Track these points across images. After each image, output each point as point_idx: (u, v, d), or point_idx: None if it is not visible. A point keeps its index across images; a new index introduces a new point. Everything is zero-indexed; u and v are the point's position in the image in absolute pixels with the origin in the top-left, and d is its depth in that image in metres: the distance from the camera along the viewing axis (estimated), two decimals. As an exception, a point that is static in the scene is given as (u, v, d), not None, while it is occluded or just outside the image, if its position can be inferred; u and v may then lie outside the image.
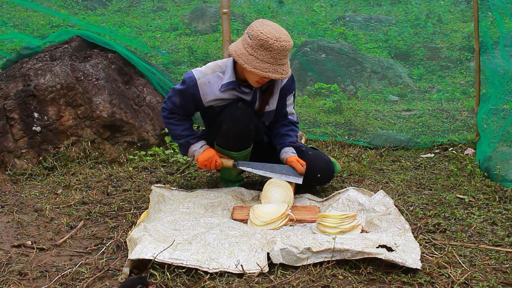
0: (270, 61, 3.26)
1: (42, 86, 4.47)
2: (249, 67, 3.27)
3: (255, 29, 3.28)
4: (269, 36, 3.23)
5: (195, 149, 3.58)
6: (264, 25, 3.30)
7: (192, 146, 3.59)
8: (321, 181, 3.76)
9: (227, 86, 3.46)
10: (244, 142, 3.58)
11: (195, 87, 3.47)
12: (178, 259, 2.63)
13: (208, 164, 3.55)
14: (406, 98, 6.18)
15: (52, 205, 3.55)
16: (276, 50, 3.24)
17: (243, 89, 3.49)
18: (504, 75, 4.59)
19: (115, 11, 8.53)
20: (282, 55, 3.27)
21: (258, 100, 3.55)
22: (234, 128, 3.48)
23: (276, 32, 3.27)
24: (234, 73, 3.46)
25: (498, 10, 4.65)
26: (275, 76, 3.28)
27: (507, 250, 2.84)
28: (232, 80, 3.45)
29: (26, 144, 4.34)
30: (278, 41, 3.24)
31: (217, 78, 3.48)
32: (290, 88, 3.64)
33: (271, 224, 3.15)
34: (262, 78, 3.35)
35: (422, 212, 3.40)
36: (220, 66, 3.51)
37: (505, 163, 3.91)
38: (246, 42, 3.31)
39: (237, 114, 3.46)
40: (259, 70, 3.26)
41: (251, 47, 3.28)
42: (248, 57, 3.28)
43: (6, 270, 2.69)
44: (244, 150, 3.60)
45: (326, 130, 5.32)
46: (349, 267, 2.65)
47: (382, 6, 7.67)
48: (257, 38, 3.25)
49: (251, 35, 3.29)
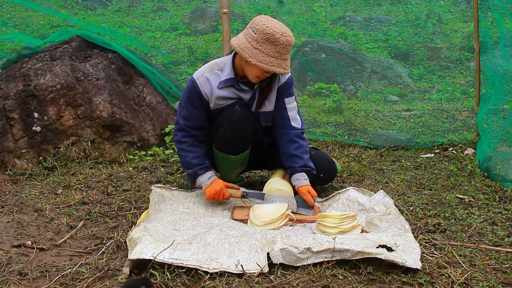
0: (275, 55, 3.25)
1: (42, 86, 4.47)
2: (254, 61, 3.25)
3: (260, 23, 3.27)
4: (275, 30, 3.23)
5: (202, 180, 3.49)
6: (268, 20, 3.30)
7: (200, 177, 3.49)
8: (324, 180, 3.76)
9: (225, 83, 3.45)
10: (242, 145, 3.57)
11: (196, 86, 3.46)
12: (178, 259, 2.63)
13: (216, 197, 3.45)
14: (406, 98, 6.18)
15: (52, 205, 3.55)
16: (281, 44, 3.24)
17: (241, 86, 3.48)
18: (504, 75, 4.60)
19: (115, 11, 8.54)
20: (286, 50, 3.27)
21: (257, 97, 3.54)
22: (231, 132, 3.46)
23: (280, 27, 3.28)
24: (232, 70, 3.45)
25: (498, 10, 4.65)
26: (279, 70, 3.27)
27: (507, 250, 2.84)
28: (230, 77, 3.44)
29: (26, 144, 4.34)
30: (284, 36, 3.24)
31: (215, 76, 3.47)
32: (288, 89, 3.58)
33: (271, 224, 3.15)
34: (263, 73, 3.33)
35: (422, 212, 3.40)
36: (218, 64, 3.50)
37: (505, 163, 3.91)
38: (250, 36, 3.29)
39: (234, 118, 3.44)
40: (264, 64, 3.25)
41: (256, 41, 3.26)
42: (253, 50, 3.26)
43: (6, 270, 2.69)
44: (242, 153, 3.59)
45: (326, 130, 5.32)
46: (349, 267, 2.65)
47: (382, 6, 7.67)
48: (263, 32, 3.24)
49: (255, 29, 3.27)
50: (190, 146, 3.51)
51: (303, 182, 3.49)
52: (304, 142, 3.59)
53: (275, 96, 3.57)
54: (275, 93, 3.56)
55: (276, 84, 3.54)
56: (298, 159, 3.52)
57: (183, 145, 3.52)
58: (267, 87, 3.53)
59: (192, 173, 3.52)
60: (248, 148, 3.61)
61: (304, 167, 3.52)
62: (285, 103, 3.59)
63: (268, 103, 3.57)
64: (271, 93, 3.55)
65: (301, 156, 3.53)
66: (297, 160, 3.52)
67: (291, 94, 3.60)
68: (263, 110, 3.58)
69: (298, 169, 3.51)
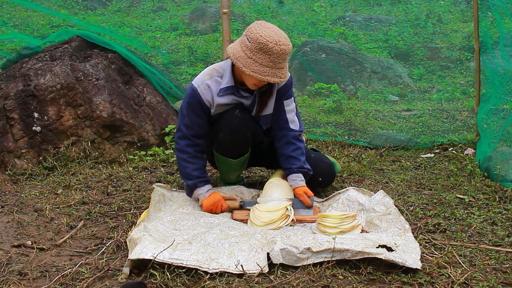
0: (269, 65, 3.20)
1: (42, 86, 4.47)
2: (248, 71, 3.21)
3: (254, 31, 3.21)
4: (269, 39, 3.16)
5: (200, 192, 3.47)
6: (263, 27, 3.22)
7: (198, 189, 3.48)
8: (322, 184, 3.77)
9: (226, 91, 3.42)
10: (242, 149, 3.57)
11: (197, 94, 3.42)
12: (178, 259, 2.63)
13: (213, 209, 3.42)
14: (406, 98, 6.18)
15: (52, 205, 3.55)
16: (275, 54, 3.18)
17: (242, 93, 3.45)
18: (504, 75, 4.60)
19: (115, 11, 8.54)
20: (281, 59, 3.21)
21: (257, 103, 3.52)
22: (231, 136, 3.46)
23: (275, 35, 3.19)
24: (232, 77, 3.40)
25: (498, 10, 4.65)
26: (273, 80, 3.22)
27: (507, 250, 2.84)
28: (230, 85, 3.40)
29: (26, 144, 4.34)
30: (278, 45, 3.17)
31: (216, 83, 3.43)
32: (287, 91, 3.56)
33: (271, 225, 3.15)
34: (260, 81, 3.30)
35: (422, 212, 3.41)
36: (217, 70, 3.46)
37: (505, 163, 3.91)
38: (245, 44, 3.24)
39: (234, 122, 3.43)
40: (257, 73, 3.20)
41: (250, 50, 3.21)
42: (247, 60, 3.21)
43: (6, 270, 2.69)
44: (242, 157, 3.60)
45: (326, 130, 5.32)
46: (349, 267, 2.65)
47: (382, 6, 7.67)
48: (256, 41, 3.18)
49: (250, 37, 3.21)
50: (191, 158, 3.48)
51: (299, 183, 3.49)
52: (301, 144, 3.59)
53: (274, 100, 3.57)
54: (274, 97, 3.56)
55: (276, 88, 3.53)
56: (295, 160, 3.53)
57: (184, 155, 3.49)
58: (267, 92, 3.51)
59: (191, 185, 3.50)
60: (248, 152, 3.61)
61: (300, 168, 3.53)
62: (284, 106, 3.57)
63: (269, 106, 3.57)
64: (271, 98, 3.54)
65: (297, 157, 3.53)
66: (294, 161, 3.53)
67: (290, 96, 3.58)
68: (263, 114, 3.58)
69: (295, 170, 3.52)
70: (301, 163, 3.54)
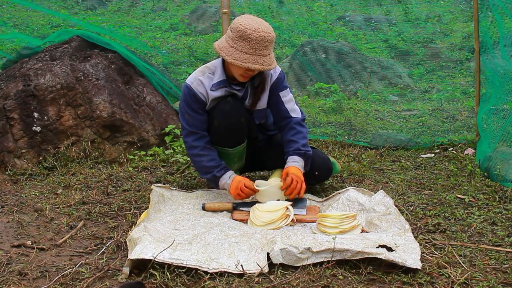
0: (249, 52, 3.29)
1: (42, 86, 4.47)
2: (230, 59, 3.31)
3: (236, 22, 3.35)
4: (248, 27, 3.28)
5: (224, 181, 3.50)
6: (245, 18, 3.36)
7: (221, 179, 3.51)
8: (319, 178, 3.76)
9: (218, 85, 3.51)
10: (237, 137, 3.59)
11: (191, 90, 3.52)
12: (178, 259, 2.63)
13: (240, 193, 3.42)
14: (406, 98, 6.18)
15: (52, 205, 3.55)
16: (254, 40, 3.27)
17: (234, 87, 3.53)
18: (504, 75, 4.59)
19: (115, 11, 8.54)
20: (261, 46, 3.29)
21: (250, 96, 3.58)
22: (225, 122, 3.49)
23: (255, 23, 3.31)
24: (223, 72, 3.50)
25: (498, 10, 4.65)
26: (255, 66, 3.29)
27: (507, 250, 2.84)
28: (222, 79, 3.50)
29: (26, 144, 4.34)
30: (257, 32, 3.27)
31: (208, 79, 3.53)
32: (280, 84, 3.61)
33: (271, 225, 3.15)
34: (246, 71, 3.37)
35: (422, 212, 3.40)
36: (209, 68, 3.57)
37: (505, 163, 3.91)
38: (228, 35, 3.37)
39: (226, 108, 3.49)
40: (238, 61, 3.29)
41: (232, 39, 3.33)
42: (229, 49, 3.32)
43: (6, 270, 2.69)
44: (239, 146, 3.61)
45: (326, 130, 5.32)
46: (349, 267, 2.65)
47: (382, 6, 7.67)
48: (236, 29, 3.30)
49: (232, 28, 3.35)
50: (202, 150, 3.53)
51: (289, 163, 3.51)
52: (303, 129, 3.62)
53: (267, 95, 3.61)
54: (267, 93, 3.60)
55: (269, 83, 3.59)
56: (293, 143, 3.56)
57: (195, 150, 3.53)
58: (260, 86, 3.57)
59: (211, 178, 3.53)
60: (244, 142, 3.64)
61: (296, 150, 3.54)
62: (281, 97, 3.62)
63: (261, 101, 3.62)
64: (263, 93, 3.60)
65: (296, 140, 3.56)
66: (292, 144, 3.56)
67: (285, 87, 3.64)
68: (256, 108, 3.64)
69: (291, 152, 3.55)
70: (299, 145, 3.55)
